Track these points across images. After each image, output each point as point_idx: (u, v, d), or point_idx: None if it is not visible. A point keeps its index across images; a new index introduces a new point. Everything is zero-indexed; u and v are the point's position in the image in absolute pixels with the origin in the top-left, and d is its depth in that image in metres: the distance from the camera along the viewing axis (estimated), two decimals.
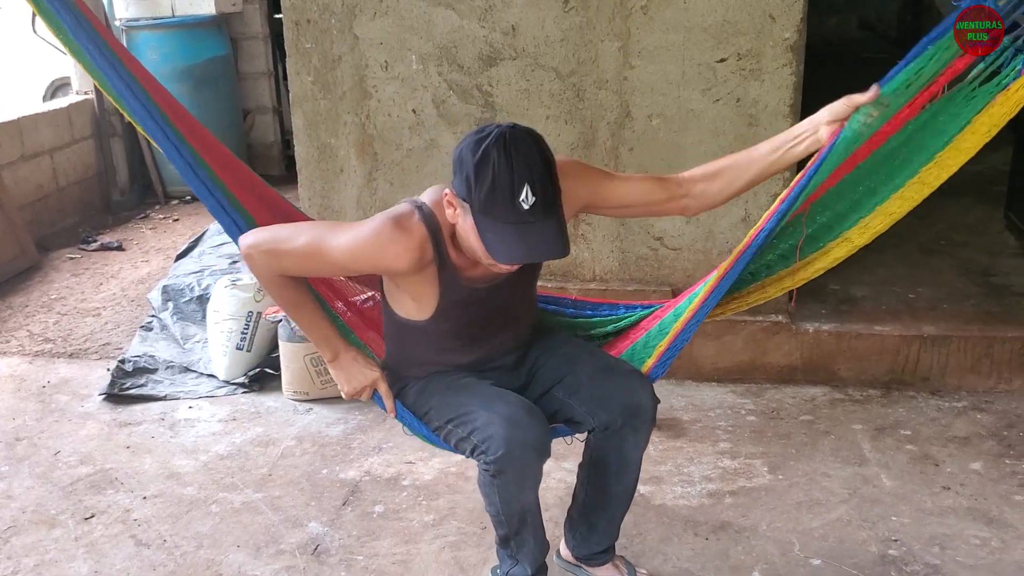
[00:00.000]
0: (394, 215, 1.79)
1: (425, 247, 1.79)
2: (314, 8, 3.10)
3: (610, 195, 1.95)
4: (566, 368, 2.01)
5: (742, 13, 2.91)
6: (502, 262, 1.70)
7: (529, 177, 1.63)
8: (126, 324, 3.86)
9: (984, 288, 3.49)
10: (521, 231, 1.65)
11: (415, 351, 2.00)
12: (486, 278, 1.87)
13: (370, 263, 1.82)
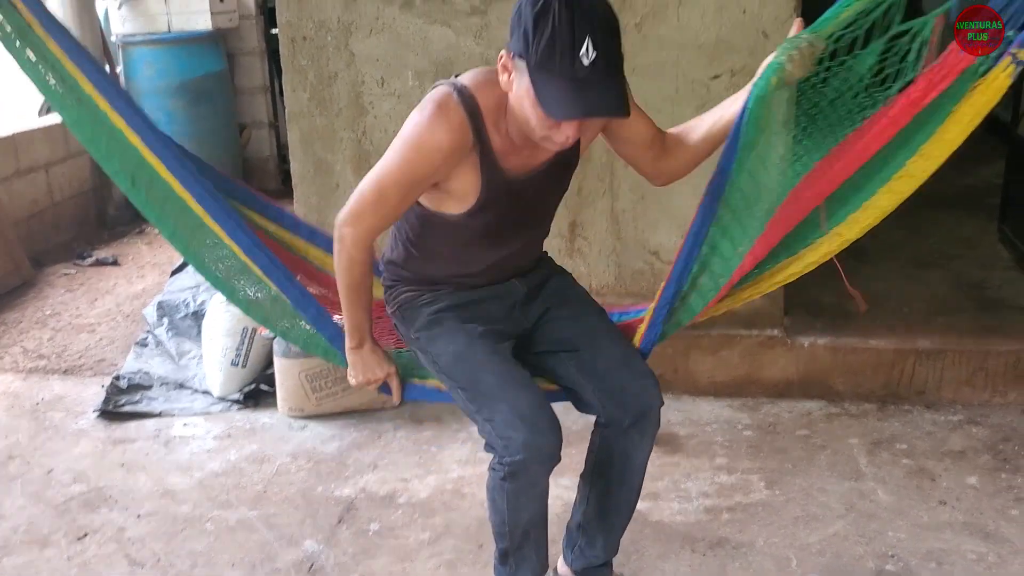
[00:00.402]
0: (431, 100, 1.75)
1: (465, 129, 1.74)
2: (310, 25, 3.10)
3: (632, 121, 1.89)
4: (585, 340, 1.99)
5: (735, 31, 2.93)
6: (558, 118, 1.61)
7: (591, 31, 1.55)
8: (121, 340, 3.85)
9: (978, 301, 3.50)
10: (580, 87, 1.57)
11: (432, 254, 1.96)
12: (525, 167, 1.83)
13: (422, 160, 1.75)
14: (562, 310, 2.03)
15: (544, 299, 2.04)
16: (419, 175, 1.77)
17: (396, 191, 1.79)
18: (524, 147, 1.79)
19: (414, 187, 1.80)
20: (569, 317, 2.03)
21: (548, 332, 2.02)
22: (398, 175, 1.77)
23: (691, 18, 2.94)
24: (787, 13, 2.89)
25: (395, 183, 1.78)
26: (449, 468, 2.83)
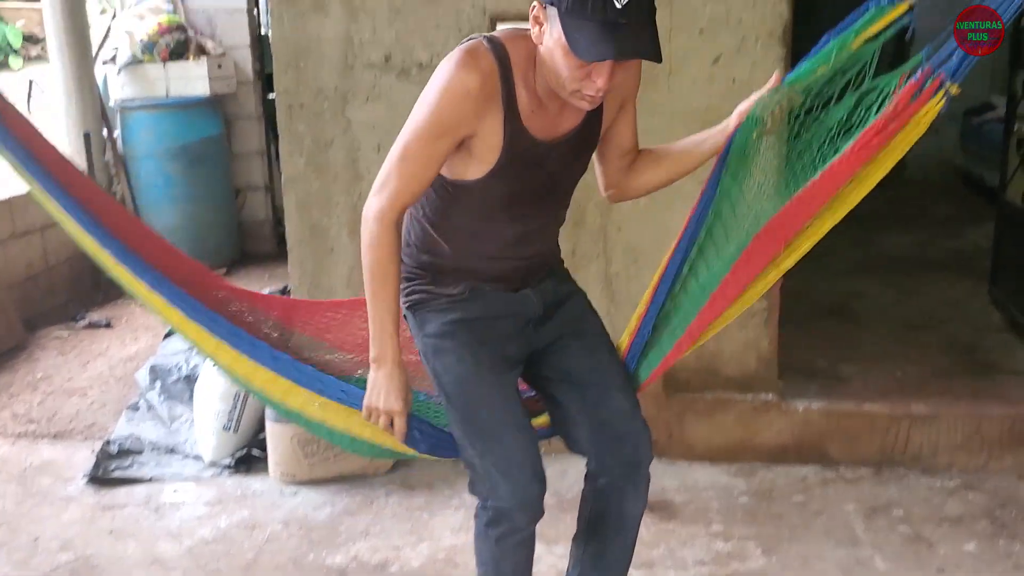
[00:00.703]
0: (460, 48, 1.74)
1: (494, 76, 1.72)
2: (307, 93, 3.15)
3: (622, 119, 1.94)
4: (594, 380, 1.97)
5: (725, 99, 2.96)
6: (589, 59, 1.59)
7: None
8: (112, 404, 3.83)
9: (971, 365, 3.51)
10: (612, 30, 1.56)
11: (450, 231, 1.89)
12: (549, 134, 1.80)
13: (451, 106, 1.71)
14: (576, 340, 1.99)
15: (559, 323, 1.99)
16: (447, 124, 1.72)
17: (423, 147, 1.74)
18: (550, 109, 1.77)
19: (441, 139, 1.74)
20: (582, 350, 1.99)
21: (558, 361, 1.99)
22: (426, 127, 1.73)
23: (682, 87, 3.00)
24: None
25: (423, 136, 1.74)
26: (441, 536, 2.80)
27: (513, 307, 1.94)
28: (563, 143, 1.83)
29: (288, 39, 3.12)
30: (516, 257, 1.92)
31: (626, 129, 1.96)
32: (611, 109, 1.88)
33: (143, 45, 5.47)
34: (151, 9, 5.58)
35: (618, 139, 1.97)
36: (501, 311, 1.93)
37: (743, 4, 2.91)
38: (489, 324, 1.92)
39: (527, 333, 1.96)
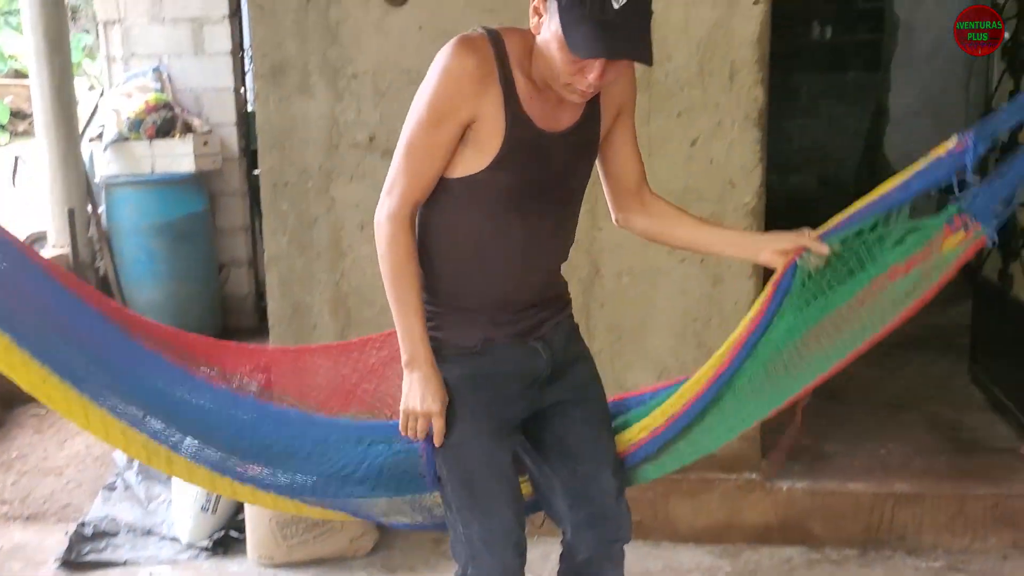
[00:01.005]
0: (457, 36, 1.77)
1: (490, 58, 1.75)
2: (292, 172, 3.18)
3: (620, 130, 1.96)
4: (587, 455, 1.96)
5: (704, 180, 3.02)
6: (583, 56, 1.63)
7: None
8: (89, 484, 3.77)
9: (954, 443, 3.51)
10: (607, 29, 1.60)
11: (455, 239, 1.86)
12: (550, 124, 1.81)
13: (449, 88, 1.73)
14: (578, 409, 1.98)
15: (565, 387, 1.97)
16: (447, 107, 1.74)
17: (426, 136, 1.76)
18: (548, 99, 1.78)
19: (443, 125, 1.74)
20: (582, 421, 1.98)
21: (556, 427, 1.98)
22: (427, 114, 1.75)
23: (660, 167, 3.03)
24: (753, 163, 3.00)
25: (425, 125, 1.75)
26: None
27: (523, 365, 1.91)
28: (565, 137, 1.84)
29: (273, 119, 3.17)
30: (525, 273, 1.88)
31: (627, 146, 1.99)
32: (608, 112, 1.90)
33: (130, 123, 5.52)
34: (139, 87, 5.64)
35: (621, 157, 1.99)
36: (511, 369, 1.90)
37: (719, 88, 2.97)
38: (498, 385, 1.89)
39: (532, 393, 1.94)
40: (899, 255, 1.90)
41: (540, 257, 1.90)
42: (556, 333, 1.96)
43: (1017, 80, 3.71)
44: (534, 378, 1.93)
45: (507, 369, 1.90)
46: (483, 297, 1.87)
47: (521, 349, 1.91)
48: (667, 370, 3.18)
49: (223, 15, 5.78)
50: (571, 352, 2.00)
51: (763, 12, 2.94)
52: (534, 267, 1.89)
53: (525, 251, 1.86)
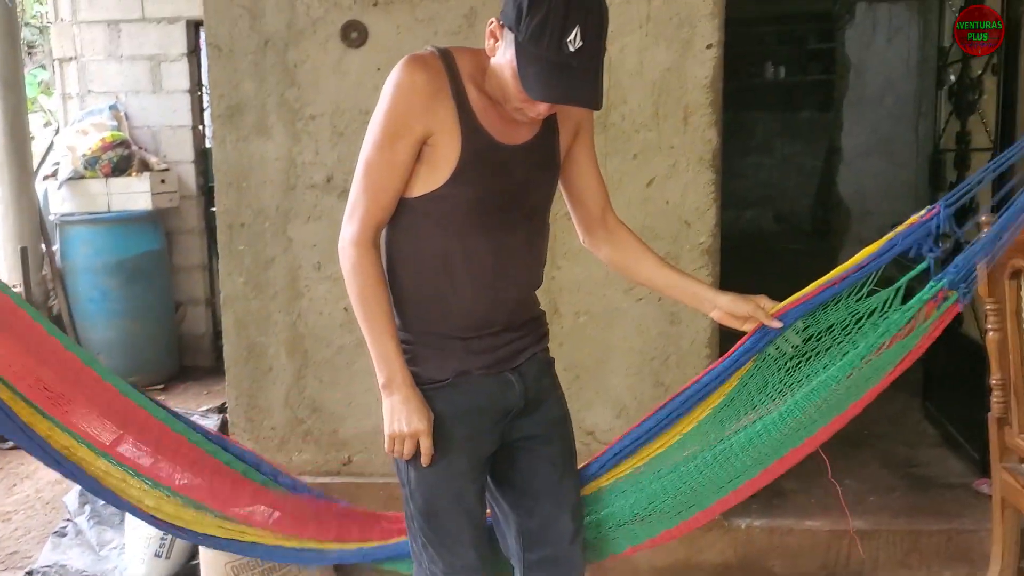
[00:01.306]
0: (408, 56, 1.77)
1: (440, 73, 1.75)
2: (248, 213, 3.17)
3: (579, 155, 1.96)
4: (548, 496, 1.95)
5: (659, 220, 3.06)
6: (536, 98, 1.65)
7: (583, 21, 1.60)
8: (38, 530, 3.68)
9: (908, 480, 3.54)
10: (561, 72, 1.61)
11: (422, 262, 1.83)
12: (508, 136, 1.80)
13: (402, 106, 1.73)
14: (545, 448, 1.96)
15: (535, 423, 1.95)
16: (401, 123, 1.73)
17: (384, 154, 1.74)
18: (504, 111, 1.77)
19: (399, 142, 1.74)
20: (547, 460, 1.96)
21: (520, 464, 1.95)
22: (382, 132, 1.74)
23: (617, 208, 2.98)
24: (707, 204, 3.04)
25: (381, 143, 1.74)
26: None
27: (496, 398, 1.88)
28: (523, 149, 1.82)
29: (230, 160, 3.16)
30: (496, 291, 1.84)
31: (588, 167, 1.99)
32: (566, 129, 1.90)
33: (85, 160, 5.48)
34: (95, 125, 5.61)
35: (583, 180, 1.99)
36: (485, 403, 1.87)
37: (673, 131, 3.02)
38: (472, 420, 1.86)
39: (503, 426, 1.91)
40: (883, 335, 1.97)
41: (510, 274, 1.86)
42: (531, 365, 1.93)
43: (963, 121, 3.81)
44: (507, 411, 1.90)
45: (482, 403, 1.87)
46: (455, 319, 1.84)
47: (495, 380, 1.87)
48: (626, 409, 3.19)
49: (181, 53, 5.79)
50: (544, 386, 1.97)
51: (716, 56, 3.00)
52: (505, 285, 1.85)
53: (495, 268, 1.83)
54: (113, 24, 5.80)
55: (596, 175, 2.01)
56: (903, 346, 1.97)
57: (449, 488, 1.86)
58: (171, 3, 5.73)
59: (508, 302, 1.87)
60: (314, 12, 3.08)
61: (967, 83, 3.73)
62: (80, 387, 1.95)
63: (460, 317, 1.84)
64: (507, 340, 1.88)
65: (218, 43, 3.13)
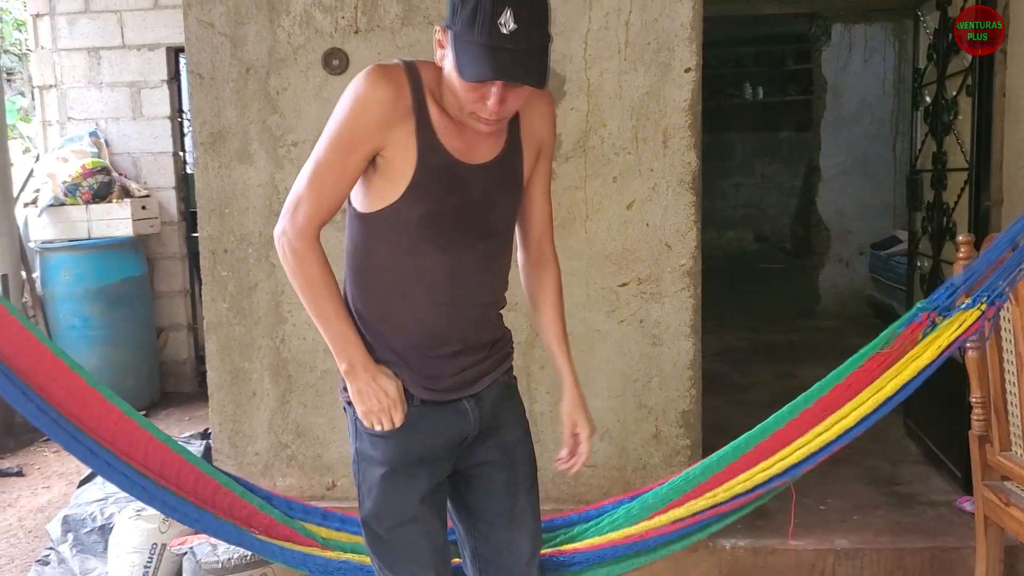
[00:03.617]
0: (372, 64, 1.75)
1: (403, 87, 1.73)
2: (231, 239, 3.17)
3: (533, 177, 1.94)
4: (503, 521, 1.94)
5: (640, 242, 3.08)
6: (468, 79, 1.63)
7: (514, 3, 1.59)
8: (21, 559, 3.65)
9: (891, 497, 3.56)
10: (496, 54, 1.60)
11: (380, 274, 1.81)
12: (468, 155, 1.78)
13: (361, 115, 1.71)
14: (502, 474, 1.94)
15: (491, 448, 1.93)
16: (357, 134, 1.72)
17: (335, 160, 1.73)
18: (466, 131, 1.76)
19: (353, 152, 1.72)
20: (504, 487, 1.94)
21: (476, 490, 1.95)
22: (337, 139, 1.73)
23: (598, 230, 3.10)
24: (688, 225, 3.06)
25: (335, 149, 1.73)
26: None
27: (451, 428, 1.87)
28: (484, 169, 1.80)
29: (213, 187, 3.17)
30: (453, 308, 1.82)
31: (537, 191, 1.96)
32: (530, 148, 1.88)
33: (66, 187, 5.46)
34: (75, 152, 5.60)
35: (528, 200, 1.96)
36: (440, 433, 1.86)
37: (653, 153, 3.05)
38: (425, 453, 1.85)
39: (458, 452, 1.91)
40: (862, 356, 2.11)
41: (467, 292, 1.83)
42: (491, 391, 1.91)
43: (939, 142, 3.87)
44: (462, 438, 1.89)
45: (436, 435, 1.86)
46: (411, 335, 1.82)
47: (452, 409, 1.87)
48: (608, 431, 3.20)
49: (161, 79, 5.80)
50: (502, 411, 1.95)
51: (694, 80, 3.03)
52: (462, 302, 1.83)
53: (450, 285, 1.81)
54: (93, 51, 5.80)
55: (543, 202, 1.99)
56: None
57: (405, 513, 1.85)
58: (151, 30, 5.75)
59: (465, 320, 1.85)
60: (295, 40, 3.10)
61: (943, 104, 3.79)
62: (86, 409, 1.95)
63: (416, 334, 1.82)
64: (466, 364, 1.87)
65: (200, 71, 3.14)
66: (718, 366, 5.52)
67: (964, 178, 3.54)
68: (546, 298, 2.03)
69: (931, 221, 3.95)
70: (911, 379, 2.10)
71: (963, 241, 2.55)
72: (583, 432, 2.01)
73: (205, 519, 2.03)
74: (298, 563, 2.16)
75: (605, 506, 2.27)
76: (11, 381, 1.86)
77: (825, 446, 2.14)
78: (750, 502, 2.20)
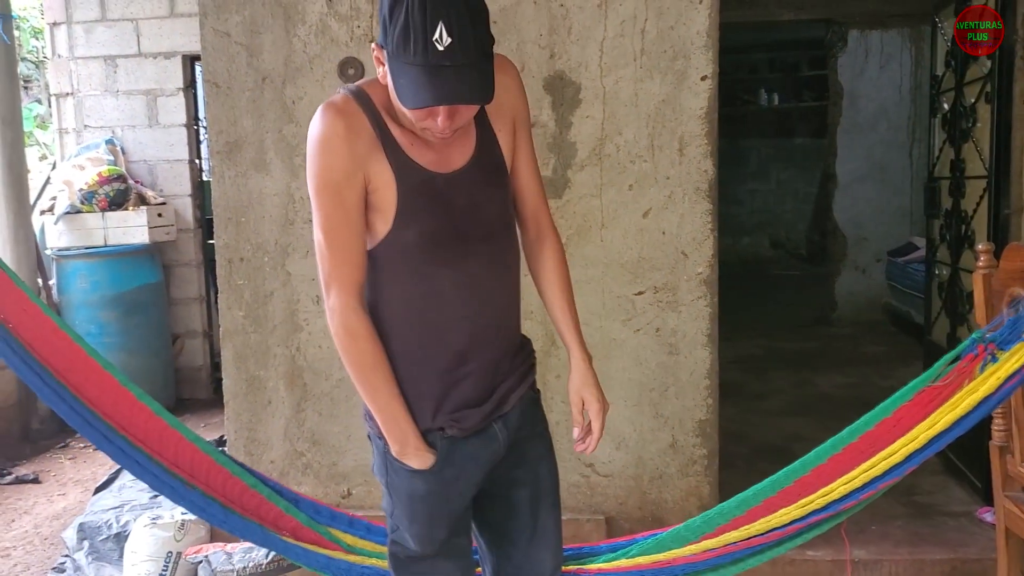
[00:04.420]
0: (322, 104, 1.71)
1: (358, 115, 1.67)
2: (248, 247, 3.18)
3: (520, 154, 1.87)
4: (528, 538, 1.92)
5: (656, 250, 3.07)
6: (408, 106, 1.56)
7: (445, 15, 1.50)
8: (37, 566, 3.66)
9: (910, 507, 3.53)
10: (434, 74, 1.51)
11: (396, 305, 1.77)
12: (444, 166, 1.72)
13: (331, 160, 1.66)
14: (525, 490, 1.91)
15: (514, 464, 1.89)
16: (337, 175, 1.66)
17: (334, 213, 1.68)
18: (433, 143, 1.71)
19: (343, 195, 1.67)
20: (528, 503, 1.92)
21: (499, 509, 1.93)
22: (323, 192, 1.67)
23: (614, 238, 3.09)
24: (704, 234, 3.05)
25: (327, 203, 1.68)
26: None
27: (481, 457, 1.83)
28: (464, 173, 1.75)
29: (229, 195, 3.17)
30: (475, 323, 1.77)
31: (522, 164, 1.88)
32: (504, 132, 1.81)
33: (82, 195, 5.49)
34: (91, 159, 5.62)
35: (515, 176, 1.88)
36: (472, 466, 1.83)
37: (669, 161, 3.04)
38: (460, 484, 1.83)
39: (486, 474, 1.88)
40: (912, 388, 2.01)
41: (482, 299, 1.78)
42: (517, 410, 1.86)
43: (957, 149, 3.84)
44: (493, 464, 1.86)
45: (469, 465, 1.83)
46: (438, 359, 1.77)
47: (483, 437, 1.82)
48: (625, 440, 3.18)
49: (177, 87, 5.82)
50: (526, 427, 1.91)
51: (710, 88, 3.02)
52: (479, 311, 1.78)
53: (464, 298, 1.76)
54: (110, 59, 5.84)
55: (531, 175, 1.90)
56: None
57: (434, 543, 1.84)
58: (167, 38, 5.77)
59: (488, 329, 1.79)
60: (311, 49, 3.10)
61: (961, 111, 3.76)
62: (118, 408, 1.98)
63: (440, 357, 1.77)
64: (495, 382, 1.82)
65: (216, 80, 3.15)
66: (734, 374, 5.49)
67: (983, 186, 3.51)
68: (548, 271, 1.93)
69: (949, 229, 3.91)
70: (967, 414, 1.97)
71: (983, 250, 2.53)
72: (592, 408, 1.90)
73: (232, 519, 2.05)
74: (322, 566, 2.17)
75: (635, 538, 2.24)
76: (44, 380, 1.90)
77: (871, 481, 2.04)
78: (789, 536, 2.12)
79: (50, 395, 1.89)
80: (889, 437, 2.02)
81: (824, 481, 2.06)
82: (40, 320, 1.93)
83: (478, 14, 1.56)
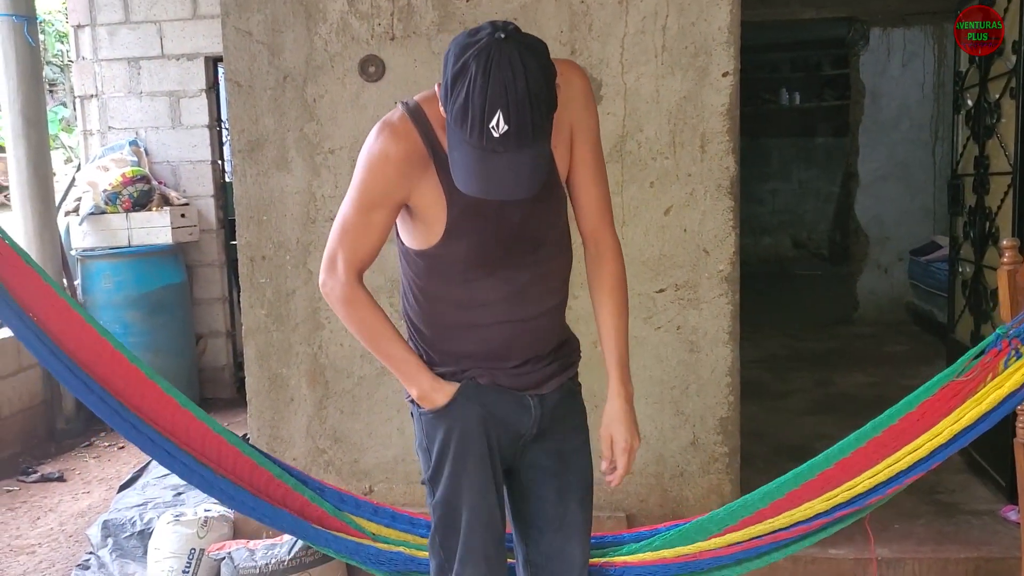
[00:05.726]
0: (381, 121, 1.75)
1: (413, 137, 1.71)
2: (269, 246, 3.20)
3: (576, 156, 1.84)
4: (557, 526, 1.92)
5: (677, 248, 3.06)
6: (460, 188, 1.61)
7: (504, 103, 1.48)
8: (62, 563, 3.69)
9: (933, 505, 3.51)
10: (486, 160, 1.53)
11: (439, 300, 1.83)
12: None
13: (375, 177, 1.72)
14: (555, 480, 1.92)
15: (547, 452, 1.92)
16: (375, 194, 1.73)
17: (359, 218, 1.76)
18: None
19: (375, 210, 1.74)
20: (557, 493, 1.93)
21: (529, 497, 1.94)
22: (357, 201, 1.75)
23: (635, 236, 3.08)
24: (726, 231, 3.04)
25: (357, 210, 1.76)
26: None
27: (514, 417, 1.86)
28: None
29: (251, 194, 3.19)
30: (515, 328, 1.82)
31: (581, 177, 1.86)
32: (562, 139, 1.79)
33: (106, 196, 5.54)
34: (115, 160, 5.67)
35: (574, 188, 1.87)
36: (507, 417, 1.86)
37: (691, 158, 3.03)
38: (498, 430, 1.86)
39: (516, 448, 1.91)
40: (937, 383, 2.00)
41: (527, 304, 1.82)
42: (554, 395, 1.90)
43: (981, 145, 3.81)
44: (521, 434, 1.89)
45: (497, 416, 1.86)
46: (478, 353, 1.85)
47: (514, 397, 1.86)
48: (646, 438, 3.17)
49: (200, 89, 5.86)
50: (561, 416, 1.92)
51: (732, 84, 3.01)
52: (523, 316, 1.82)
53: (509, 303, 1.80)
54: (133, 61, 5.89)
55: (592, 187, 1.88)
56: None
57: (471, 507, 1.86)
58: (190, 40, 5.82)
59: (527, 332, 1.84)
60: (332, 47, 3.12)
61: (985, 107, 3.73)
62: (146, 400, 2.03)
63: (480, 353, 1.85)
64: (532, 369, 1.87)
65: (237, 79, 3.17)
66: (756, 373, 5.47)
67: (1007, 182, 3.48)
68: (604, 295, 1.93)
69: (973, 226, 3.88)
70: (991, 409, 1.96)
71: (1007, 246, 2.50)
72: (617, 447, 1.91)
73: (262, 508, 2.09)
74: (351, 552, 2.19)
75: (659, 528, 2.24)
76: (73, 372, 1.94)
77: (895, 476, 2.03)
78: (814, 530, 2.11)
79: (79, 387, 1.94)
80: (913, 432, 2.02)
81: (848, 475, 2.06)
82: (68, 315, 1.97)
83: (538, 97, 1.52)
